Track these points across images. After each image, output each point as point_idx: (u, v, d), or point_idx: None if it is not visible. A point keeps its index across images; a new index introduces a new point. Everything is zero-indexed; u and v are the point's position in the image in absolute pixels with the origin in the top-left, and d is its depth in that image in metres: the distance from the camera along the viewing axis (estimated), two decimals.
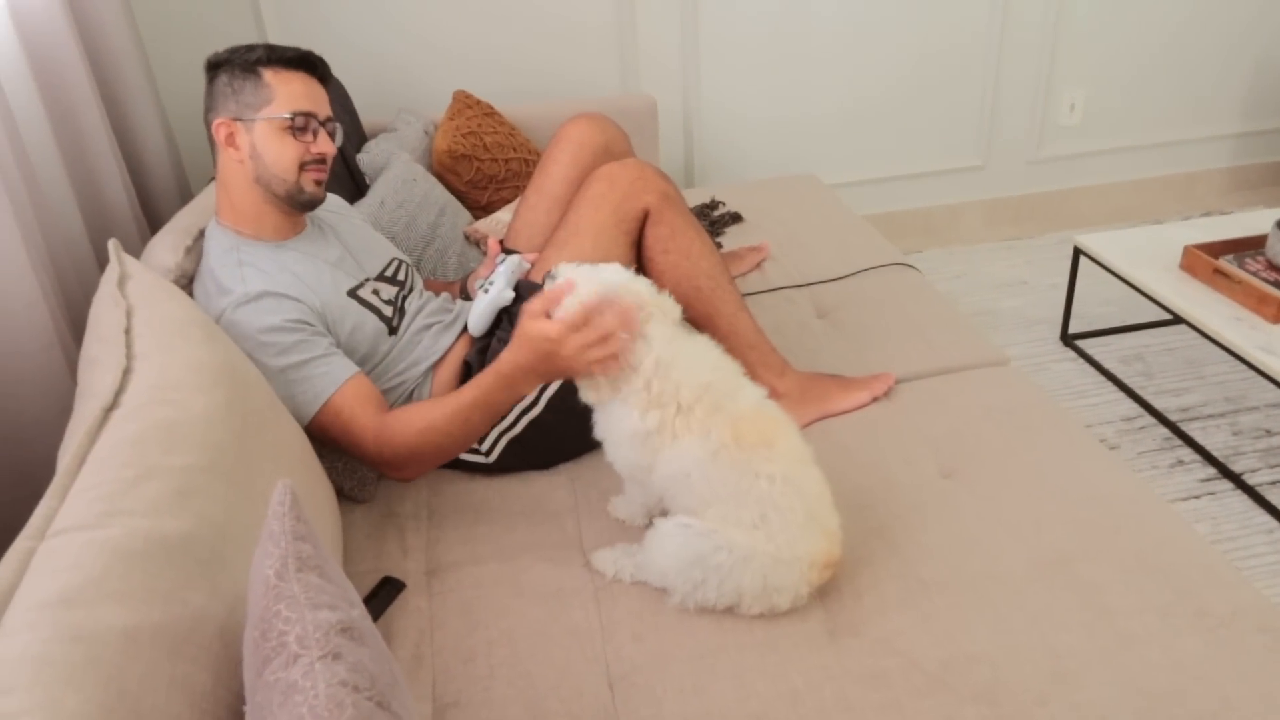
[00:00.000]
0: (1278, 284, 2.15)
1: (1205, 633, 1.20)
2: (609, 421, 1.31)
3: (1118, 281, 2.77)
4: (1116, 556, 1.32)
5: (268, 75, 1.45)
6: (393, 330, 1.58)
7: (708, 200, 2.56)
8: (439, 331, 1.64)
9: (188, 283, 1.51)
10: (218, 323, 1.40)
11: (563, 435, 1.54)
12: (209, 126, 1.48)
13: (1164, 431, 2.34)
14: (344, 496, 1.53)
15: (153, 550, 0.88)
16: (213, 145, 1.49)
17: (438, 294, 1.77)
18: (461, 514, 1.52)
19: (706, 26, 2.92)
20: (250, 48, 1.47)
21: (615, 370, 1.25)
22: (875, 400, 1.70)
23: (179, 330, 1.21)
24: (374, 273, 1.64)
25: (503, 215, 2.25)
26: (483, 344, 1.60)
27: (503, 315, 1.61)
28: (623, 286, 1.27)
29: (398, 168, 2.13)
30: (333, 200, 1.73)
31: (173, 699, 0.80)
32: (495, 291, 1.60)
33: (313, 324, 1.45)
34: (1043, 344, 2.73)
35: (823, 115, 3.14)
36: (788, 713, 1.14)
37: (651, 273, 1.68)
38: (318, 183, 1.52)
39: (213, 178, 1.58)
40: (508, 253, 1.72)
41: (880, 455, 1.57)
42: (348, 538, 1.47)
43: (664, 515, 1.32)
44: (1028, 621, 1.23)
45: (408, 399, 1.59)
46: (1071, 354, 2.68)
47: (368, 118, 2.51)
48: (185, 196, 2.14)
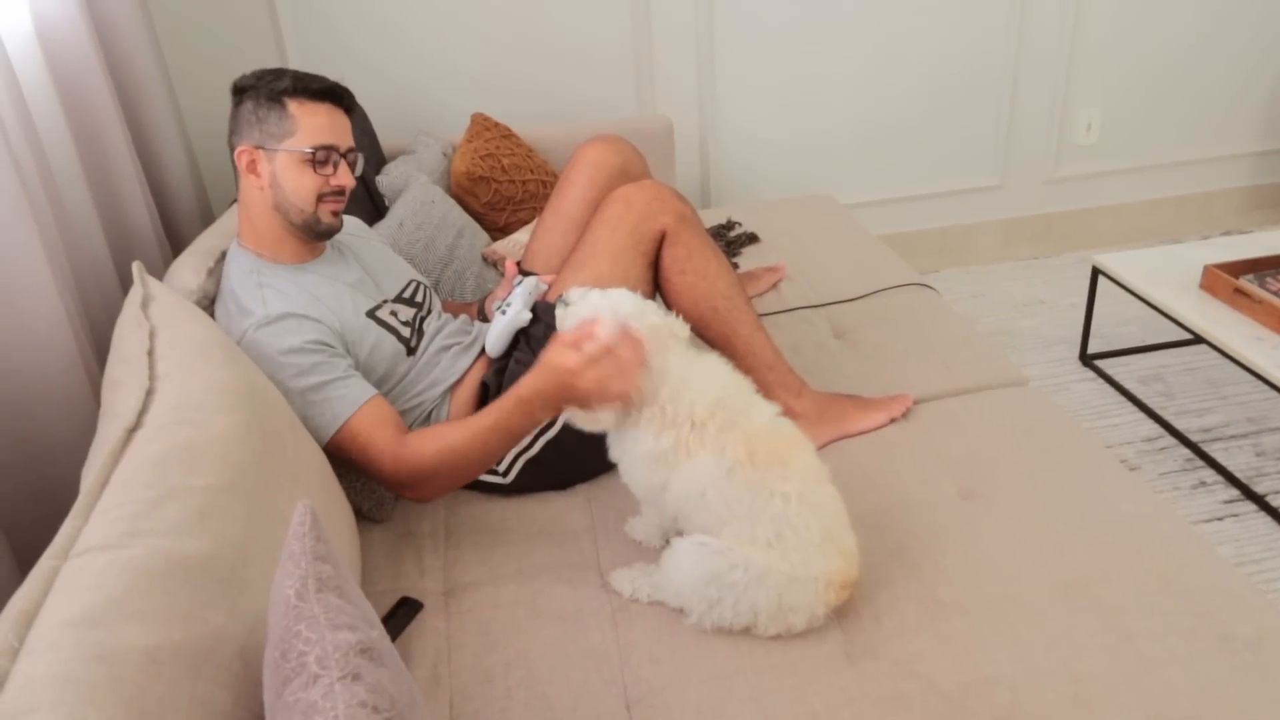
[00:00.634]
0: None
1: (1229, 657, 1.18)
2: (623, 444, 1.32)
3: (1137, 301, 2.75)
4: (1138, 579, 1.31)
5: (292, 106, 1.47)
6: (411, 351, 1.59)
7: (724, 221, 2.57)
8: (457, 353, 1.65)
9: (209, 304, 1.53)
10: (239, 344, 1.41)
11: (580, 456, 1.55)
12: (232, 151, 1.50)
13: (1185, 452, 2.32)
14: (362, 516, 1.53)
15: (174, 570, 0.89)
16: (235, 169, 1.51)
17: (456, 315, 1.77)
18: (479, 534, 1.52)
19: (722, 48, 2.94)
20: (278, 75, 1.48)
21: (629, 403, 1.27)
22: (893, 421, 1.70)
23: (201, 351, 1.22)
24: (392, 294, 1.65)
25: (520, 237, 2.27)
26: (500, 365, 1.61)
27: (520, 336, 1.62)
28: (634, 313, 1.29)
29: (416, 190, 2.15)
30: (352, 222, 1.75)
31: (193, 719, 0.80)
32: (513, 313, 1.61)
33: (332, 345, 1.46)
34: (1062, 364, 2.72)
35: (839, 136, 3.15)
36: None
37: (668, 293, 1.68)
38: (334, 213, 1.53)
39: (235, 200, 1.60)
40: (525, 274, 1.73)
41: (898, 476, 1.56)
42: (366, 557, 1.47)
43: (680, 536, 1.32)
44: (1048, 644, 1.22)
45: (426, 420, 1.59)
46: (1091, 374, 2.66)
47: (387, 140, 2.53)
48: (207, 219, 2.17)
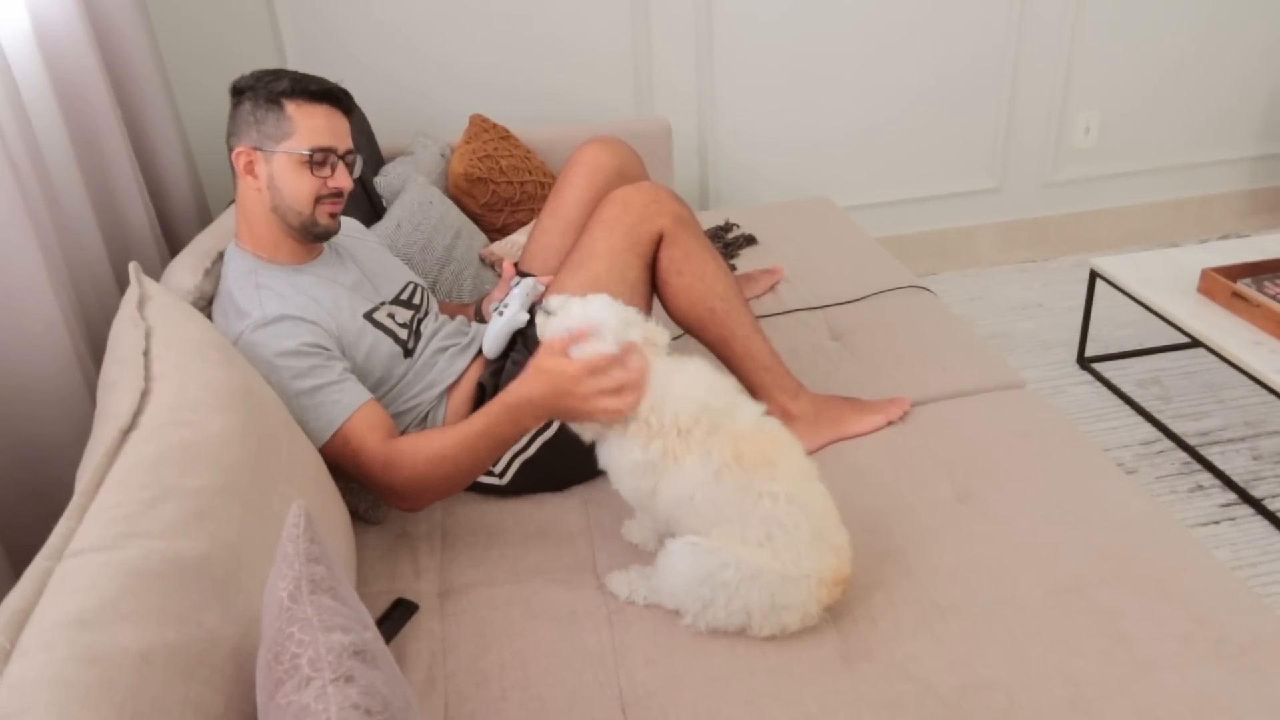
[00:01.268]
0: None
1: (1226, 661, 1.18)
2: (611, 453, 1.32)
3: (1134, 304, 2.75)
4: (1135, 582, 1.31)
5: (290, 108, 1.46)
6: (408, 353, 1.59)
7: (722, 223, 2.56)
8: (454, 354, 1.65)
9: (206, 305, 1.53)
10: (235, 345, 1.41)
11: (576, 457, 1.54)
12: (230, 152, 1.49)
13: (1183, 456, 2.32)
14: (358, 518, 1.53)
15: (168, 572, 0.89)
16: (233, 170, 1.50)
17: (453, 316, 1.77)
18: (475, 536, 1.52)
19: (721, 50, 2.94)
20: (276, 76, 1.47)
21: (617, 421, 1.27)
22: (890, 424, 1.69)
23: (197, 352, 1.22)
24: (390, 296, 1.65)
25: (518, 238, 2.27)
26: (497, 366, 1.61)
27: (518, 338, 1.62)
28: (618, 323, 1.29)
29: (414, 191, 2.15)
30: (349, 224, 1.75)
31: None
32: (510, 314, 1.61)
33: (328, 348, 1.46)
34: (1059, 367, 2.72)
35: (837, 138, 3.15)
36: None
37: (665, 295, 1.68)
38: (332, 216, 1.53)
39: (232, 201, 1.60)
40: (522, 275, 1.73)
41: (895, 479, 1.56)
42: (361, 558, 1.47)
43: (673, 538, 1.31)
44: (1044, 648, 1.22)
45: (423, 422, 1.59)
46: (1088, 377, 2.66)
47: (385, 141, 2.53)
48: (205, 219, 2.17)
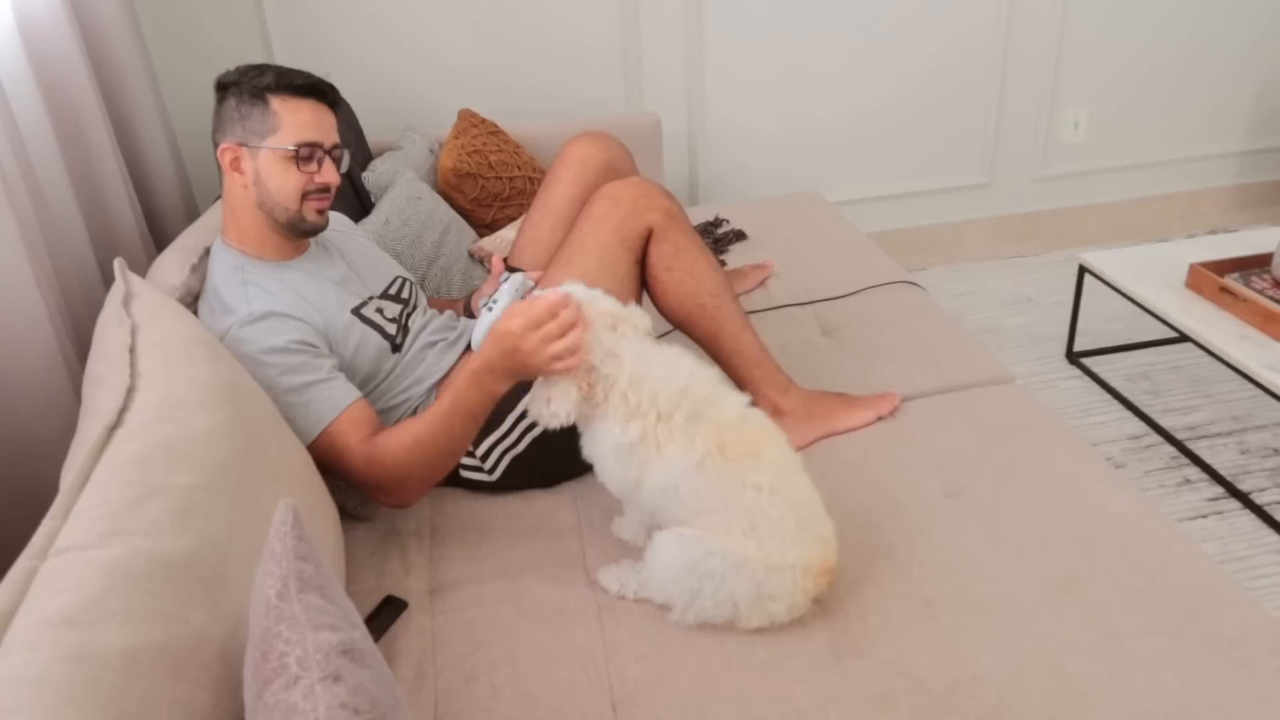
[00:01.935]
0: None
1: (1215, 654, 1.19)
2: (593, 439, 1.32)
3: (1123, 299, 2.76)
4: (1124, 577, 1.31)
5: (275, 103, 1.45)
6: (396, 348, 1.58)
7: (712, 218, 2.56)
8: (443, 349, 1.64)
9: (193, 301, 1.52)
10: (222, 341, 1.40)
11: (566, 453, 1.54)
12: (215, 148, 1.48)
13: (1171, 450, 2.33)
14: (346, 514, 1.53)
15: (155, 570, 0.88)
16: (219, 166, 1.49)
17: (442, 312, 1.77)
18: (464, 532, 1.52)
19: (711, 45, 2.93)
20: (260, 71, 1.46)
21: (575, 369, 1.26)
22: (880, 419, 1.70)
23: (183, 349, 1.21)
24: (378, 291, 1.64)
25: (507, 233, 2.26)
26: None
27: None
28: (586, 298, 1.30)
29: (403, 186, 2.14)
30: (337, 219, 1.74)
31: None
32: (499, 309, 1.59)
33: (315, 345, 1.45)
34: (1048, 362, 2.72)
35: (827, 133, 3.15)
36: None
37: (655, 290, 1.68)
38: (320, 211, 1.52)
39: (219, 196, 1.59)
40: (512, 270, 1.73)
41: (885, 474, 1.56)
42: (350, 556, 1.46)
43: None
44: (1034, 642, 1.22)
45: (412, 416, 1.58)
46: (1077, 372, 2.67)
47: (373, 136, 2.52)
48: (192, 214, 2.15)
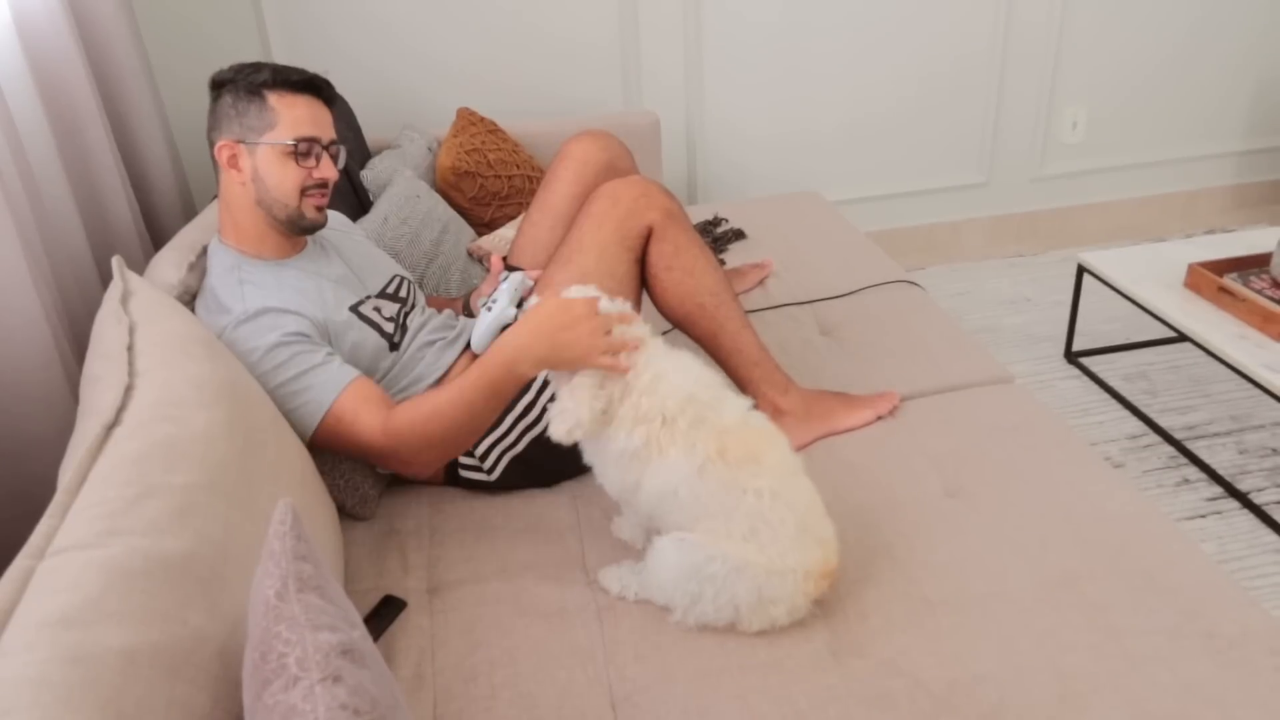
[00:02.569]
0: None
1: (1214, 654, 1.19)
2: (597, 443, 1.31)
3: (1122, 299, 2.76)
4: (1123, 576, 1.31)
5: (272, 99, 1.45)
6: (394, 346, 1.58)
7: (711, 217, 2.56)
8: (441, 348, 1.64)
9: (191, 299, 1.51)
10: (219, 340, 1.40)
11: (565, 453, 1.53)
12: (212, 146, 1.48)
13: (1169, 450, 2.33)
14: (345, 514, 1.52)
15: (153, 570, 0.88)
16: (215, 164, 1.49)
17: (440, 311, 1.76)
18: (464, 532, 1.51)
19: (710, 44, 2.93)
20: (256, 68, 1.46)
21: (615, 373, 1.25)
22: (880, 419, 1.69)
23: (181, 347, 1.21)
24: (376, 289, 1.64)
25: (506, 232, 2.25)
26: None
27: None
28: (607, 296, 1.31)
29: (401, 184, 2.14)
30: (335, 218, 1.73)
31: None
32: (498, 309, 1.59)
33: (311, 335, 1.45)
34: (1047, 361, 2.72)
35: (826, 132, 3.15)
36: None
37: (654, 289, 1.68)
38: (319, 208, 1.52)
39: (216, 195, 1.58)
40: (511, 270, 1.72)
41: (884, 473, 1.56)
42: (349, 555, 1.46)
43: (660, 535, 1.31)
44: (1034, 642, 1.22)
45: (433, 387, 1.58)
46: (1076, 371, 2.67)
47: (372, 134, 2.51)
48: (189, 212, 2.15)
